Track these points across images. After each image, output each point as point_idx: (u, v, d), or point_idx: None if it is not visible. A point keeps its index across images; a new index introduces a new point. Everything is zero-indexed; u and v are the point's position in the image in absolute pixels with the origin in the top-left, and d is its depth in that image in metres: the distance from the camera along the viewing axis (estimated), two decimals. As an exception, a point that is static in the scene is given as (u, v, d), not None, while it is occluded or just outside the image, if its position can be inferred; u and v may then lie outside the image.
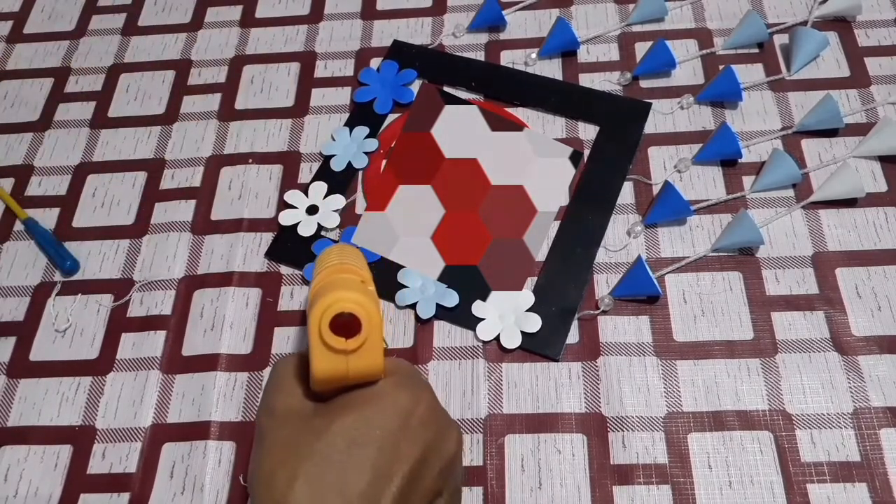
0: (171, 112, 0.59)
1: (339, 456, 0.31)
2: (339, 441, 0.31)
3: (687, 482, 0.42)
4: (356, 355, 0.32)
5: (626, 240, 0.50)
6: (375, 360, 0.32)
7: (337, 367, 0.32)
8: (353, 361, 0.32)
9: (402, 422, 0.32)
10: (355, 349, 0.31)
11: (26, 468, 0.45)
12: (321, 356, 0.31)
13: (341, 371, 0.32)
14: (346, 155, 0.55)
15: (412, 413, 0.33)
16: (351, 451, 0.31)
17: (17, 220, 0.55)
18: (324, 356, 0.31)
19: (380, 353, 0.32)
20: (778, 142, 0.53)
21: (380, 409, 0.32)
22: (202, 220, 0.53)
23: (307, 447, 0.31)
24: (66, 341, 0.49)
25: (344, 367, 0.32)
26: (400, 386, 0.34)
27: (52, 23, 0.66)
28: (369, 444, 0.31)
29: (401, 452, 0.32)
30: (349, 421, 0.32)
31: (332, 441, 0.31)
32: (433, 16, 0.62)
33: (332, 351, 0.31)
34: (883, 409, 0.43)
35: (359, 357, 0.32)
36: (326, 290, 0.32)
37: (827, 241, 0.48)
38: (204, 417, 0.46)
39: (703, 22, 0.59)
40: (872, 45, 0.56)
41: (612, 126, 0.54)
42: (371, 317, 0.32)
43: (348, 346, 0.31)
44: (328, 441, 0.31)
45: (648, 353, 0.46)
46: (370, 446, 0.31)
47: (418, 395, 0.34)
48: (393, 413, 0.32)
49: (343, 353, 0.31)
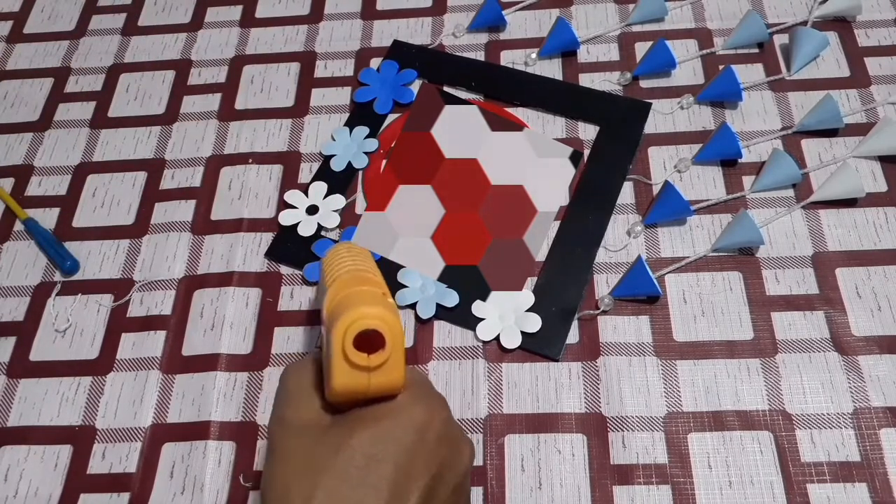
0: (171, 112, 0.59)
1: (356, 472, 0.30)
2: (357, 457, 0.30)
3: (687, 482, 0.42)
4: (378, 372, 0.31)
5: (626, 240, 0.50)
6: (397, 376, 0.32)
7: (358, 382, 0.31)
8: (375, 378, 0.31)
9: (418, 437, 0.32)
10: (378, 366, 0.31)
11: (26, 468, 0.45)
12: (342, 372, 0.31)
13: (363, 386, 0.31)
14: (346, 155, 0.55)
15: (428, 428, 0.32)
16: (369, 468, 0.30)
17: (17, 220, 0.55)
18: (345, 372, 0.31)
19: (402, 368, 0.32)
20: (778, 142, 0.53)
21: (397, 424, 0.32)
22: (202, 220, 0.53)
23: (324, 462, 0.31)
24: (66, 341, 0.49)
25: (365, 382, 0.31)
26: (416, 400, 0.33)
27: (52, 23, 0.66)
28: (387, 461, 0.31)
29: (417, 469, 0.31)
30: (367, 436, 0.31)
31: (350, 456, 0.30)
32: (433, 16, 0.62)
33: (354, 367, 0.31)
34: (883, 409, 0.43)
35: (381, 373, 0.31)
36: (348, 305, 0.32)
37: (827, 241, 0.48)
38: (204, 417, 0.46)
39: (703, 22, 0.59)
40: (872, 45, 0.56)
41: (612, 126, 0.54)
42: (394, 333, 0.31)
43: (371, 362, 0.31)
44: (346, 456, 0.30)
45: (648, 353, 0.46)
46: (388, 463, 0.31)
47: (433, 409, 0.33)
48: (409, 428, 0.32)
49: (365, 369, 0.31)
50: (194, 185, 0.55)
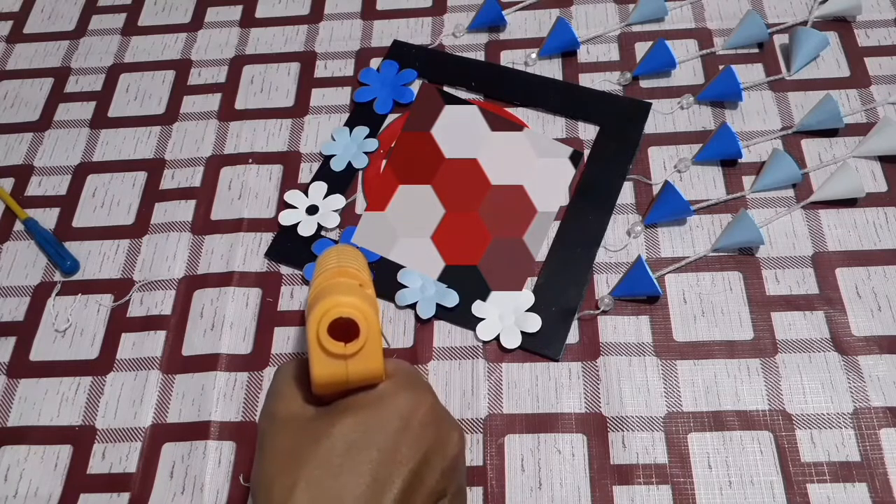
0: (171, 112, 0.59)
1: (338, 460, 0.31)
2: (338, 445, 0.31)
3: (687, 482, 0.42)
4: (355, 359, 0.32)
5: (626, 240, 0.50)
6: (375, 364, 0.32)
7: (336, 371, 0.32)
8: (353, 365, 0.32)
9: (402, 424, 0.32)
10: (354, 353, 0.31)
11: (26, 468, 0.45)
12: (320, 361, 0.32)
13: (341, 375, 0.32)
14: (346, 155, 0.55)
15: (413, 415, 0.33)
16: (351, 455, 0.31)
17: (17, 220, 0.55)
18: (323, 361, 0.32)
19: (379, 356, 0.32)
20: (778, 142, 0.53)
21: (380, 411, 0.32)
22: (202, 220, 0.53)
23: (307, 452, 0.31)
24: (66, 341, 0.49)
25: (343, 371, 0.32)
26: (400, 388, 0.34)
27: (52, 23, 0.66)
28: (369, 448, 0.31)
29: (401, 455, 0.31)
30: (349, 424, 0.32)
31: (331, 445, 0.31)
32: (433, 16, 0.62)
33: (331, 356, 0.31)
34: (883, 409, 0.43)
35: (358, 361, 0.32)
36: (323, 295, 0.32)
37: (827, 241, 0.48)
38: (204, 417, 0.46)
39: (703, 22, 0.59)
40: (872, 45, 0.56)
41: (612, 126, 0.54)
42: (369, 321, 0.32)
43: (347, 350, 0.31)
44: (327, 445, 0.31)
45: (648, 353, 0.46)
46: (370, 450, 0.31)
47: (419, 397, 0.34)
48: (393, 415, 0.32)
49: (342, 357, 0.31)
50: (194, 185, 0.55)
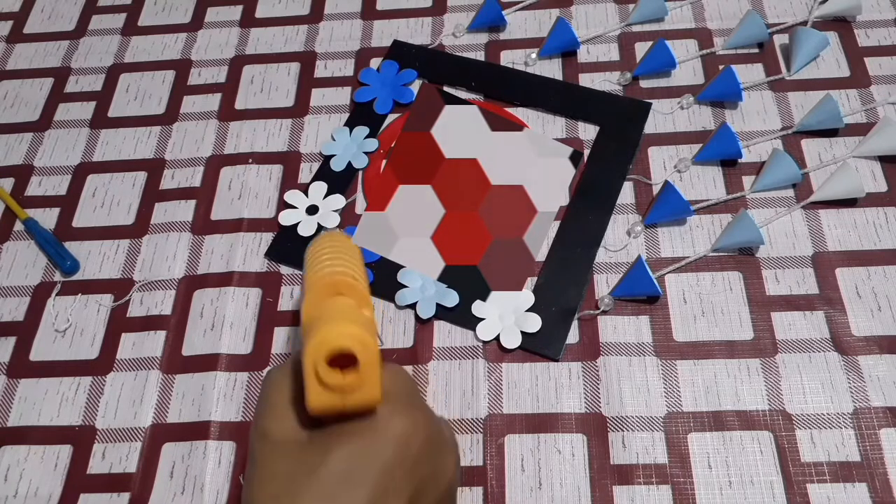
0: (171, 112, 0.59)
1: (332, 490, 0.30)
2: (333, 477, 0.30)
3: (687, 482, 0.42)
4: (353, 390, 0.31)
5: (626, 240, 0.50)
6: (373, 394, 0.31)
7: (333, 402, 0.31)
8: (351, 397, 0.31)
9: (398, 451, 0.31)
10: (352, 384, 0.30)
11: (26, 468, 0.45)
12: (317, 393, 0.30)
13: (338, 405, 0.31)
14: (346, 155, 0.55)
15: (409, 442, 0.32)
16: (345, 487, 0.30)
17: (17, 220, 0.55)
18: (319, 393, 0.30)
19: (377, 386, 0.31)
20: (778, 142, 0.53)
21: (375, 439, 0.31)
22: (202, 220, 0.53)
23: (301, 480, 0.30)
24: (66, 341, 0.49)
25: (341, 402, 0.31)
26: (396, 412, 0.32)
27: (52, 23, 0.66)
28: (364, 481, 0.30)
29: (397, 486, 0.31)
30: (344, 454, 0.31)
31: (326, 477, 0.30)
32: (433, 16, 0.62)
33: (328, 389, 0.30)
34: (883, 409, 0.43)
35: (356, 392, 0.31)
36: (322, 322, 0.31)
37: (827, 241, 0.48)
38: (204, 417, 0.46)
39: (703, 22, 0.59)
40: (872, 45, 0.56)
41: (612, 126, 0.54)
42: (369, 353, 0.30)
43: (345, 381, 0.30)
44: (322, 477, 0.30)
45: (648, 353, 0.46)
46: (365, 483, 0.30)
47: (415, 421, 0.33)
48: (389, 443, 0.31)
49: (340, 389, 0.30)
50: (194, 185, 0.55)
